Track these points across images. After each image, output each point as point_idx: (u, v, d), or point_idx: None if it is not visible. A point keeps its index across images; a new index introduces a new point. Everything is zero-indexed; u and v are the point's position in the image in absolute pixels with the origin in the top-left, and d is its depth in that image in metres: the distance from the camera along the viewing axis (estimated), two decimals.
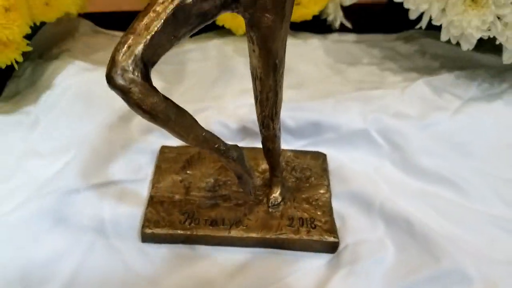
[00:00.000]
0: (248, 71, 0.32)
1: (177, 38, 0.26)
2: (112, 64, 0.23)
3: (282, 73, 0.31)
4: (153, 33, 0.24)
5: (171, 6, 0.25)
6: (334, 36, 0.59)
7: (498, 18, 0.46)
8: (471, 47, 0.49)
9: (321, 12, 0.57)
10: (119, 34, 0.58)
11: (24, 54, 0.46)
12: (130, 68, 0.23)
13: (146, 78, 0.24)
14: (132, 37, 0.24)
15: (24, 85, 0.50)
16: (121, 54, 0.24)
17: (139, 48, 0.24)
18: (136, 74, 0.23)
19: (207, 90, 0.50)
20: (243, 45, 0.30)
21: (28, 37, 0.45)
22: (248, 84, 0.33)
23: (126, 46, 0.24)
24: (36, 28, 0.51)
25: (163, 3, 0.25)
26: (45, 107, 0.45)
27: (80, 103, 0.45)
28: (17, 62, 0.46)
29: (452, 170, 0.43)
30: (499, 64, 0.52)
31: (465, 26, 0.47)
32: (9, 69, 0.46)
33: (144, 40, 0.24)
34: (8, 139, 0.43)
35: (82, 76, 0.48)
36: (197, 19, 0.26)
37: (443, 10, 0.48)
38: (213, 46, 0.56)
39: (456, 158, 0.44)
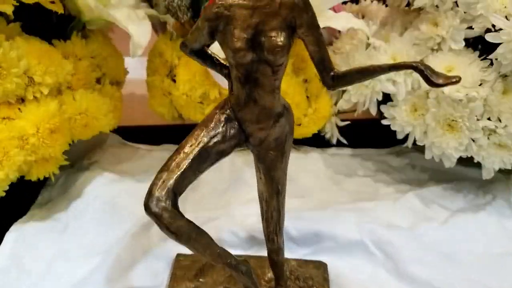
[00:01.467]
0: (255, 181, 0.38)
1: (200, 172, 0.33)
2: (149, 195, 0.30)
3: (284, 196, 0.37)
4: (182, 170, 0.31)
5: (197, 148, 0.32)
6: (332, 150, 0.66)
7: (473, 140, 0.53)
8: (453, 164, 0.55)
9: (320, 130, 0.64)
10: (143, 146, 0.66)
11: (60, 166, 0.53)
12: (163, 198, 0.29)
13: (175, 205, 0.30)
14: (166, 173, 0.31)
15: (57, 193, 0.56)
16: (157, 188, 0.30)
17: (171, 182, 0.30)
18: (168, 203, 0.29)
19: (219, 199, 0.56)
20: (252, 158, 0.37)
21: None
22: (255, 194, 0.39)
23: (161, 181, 0.30)
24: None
25: (191, 146, 0.32)
26: (75, 214, 0.51)
27: (106, 212, 0.51)
28: (53, 173, 0.53)
29: (441, 278, 0.47)
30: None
31: (444, 147, 0.54)
32: (44, 178, 0.53)
33: (175, 176, 0.30)
34: (41, 244, 0.48)
35: (109, 187, 0.54)
36: (216, 156, 0.33)
37: (425, 132, 0.56)
38: (226, 158, 0.63)
39: (445, 267, 0.48)
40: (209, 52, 0.36)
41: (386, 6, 0.71)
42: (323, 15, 0.52)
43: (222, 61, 0.36)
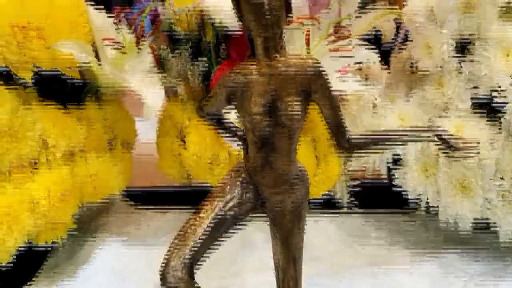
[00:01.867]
0: (267, 245, 0.37)
1: (216, 238, 0.32)
2: (165, 265, 0.29)
3: (301, 263, 0.36)
4: (198, 237, 0.30)
5: (213, 214, 0.31)
6: (343, 211, 0.65)
7: (487, 200, 0.52)
8: (468, 226, 0.54)
9: (330, 190, 0.64)
10: (150, 208, 0.65)
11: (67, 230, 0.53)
12: (179, 268, 0.29)
13: (191, 275, 0.29)
14: (181, 241, 0.30)
15: (64, 258, 0.55)
16: (173, 257, 0.29)
17: (187, 251, 0.29)
18: (184, 272, 0.29)
19: (230, 266, 0.54)
20: (262, 222, 0.36)
21: None
22: (268, 260, 0.37)
23: (177, 249, 0.29)
24: None
25: (206, 211, 0.32)
26: (82, 282, 0.50)
27: (114, 279, 0.50)
28: (61, 238, 0.52)
29: None
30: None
31: (458, 208, 0.53)
32: (51, 242, 0.52)
33: (191, 244, 0.30)
34: None
35: (117, 253, 0.53)
36: (232, 221, 0.33)
37: (437, 192, 0.55)
38: None
39: None
40: (224, 116, 0.36)
41: (388, 66, 0.73)
42: (330, 79, 0.53)
43: (237, 125, 0.36)
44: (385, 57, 0.71)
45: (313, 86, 0.31)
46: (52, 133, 0.49)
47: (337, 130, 0.32)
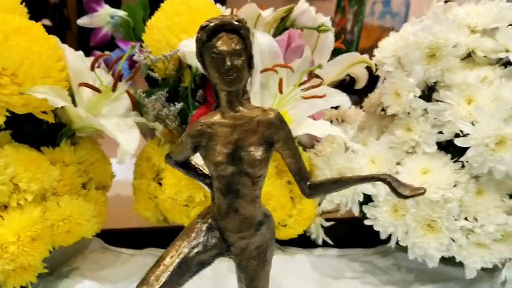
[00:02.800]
0: None
1: (180, 285, 0.32)
2: None
3: None
4: (161, 283, 0.31)
5: (177, 260, 0.32)
6: (318, 250, 0.66)
7: (453, 240, 0.54)
8: (436, 264, 0.55)
9: (305, 230, 0.65)
10: (125, 251, 0.65)
11: (38, 274, 0.52)
12: None
13: None
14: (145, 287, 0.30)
15: None
16: None
17: None
18: None
19: None
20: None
21: None
22: None
23: None
24: None
25: (171, 257, 0.32)
26: None
27: None
28: (31, 282, 0.51)
29: None
30: None
31: (426, 247, 0.54)
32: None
33: None
34: None
35: None
36: (197, 268, 0.33)
37: (406, 232, 0.57)
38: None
39: None
40: (193, 163, 0.37)
41: (364, 110, 0.76)
42: (303, 123, 0.55)
43: (205, 172, 0.37)
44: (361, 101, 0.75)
45: (275, 136, 0.32)
46: (24, 177, 0.49)
47: (300, 177, 0.34)
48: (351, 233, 0.68)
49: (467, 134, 0.53)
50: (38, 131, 0.54)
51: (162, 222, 0.62)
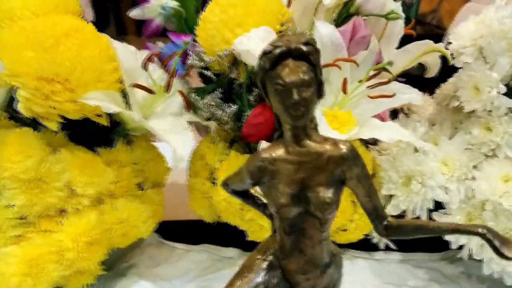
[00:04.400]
0: None
1: None
2: None
3: None
4: None
5: None
6: (380, 254, 0.62)
7: None
8: None
9: (367, 233, 0.61)
10: (181, 246, 0.64)
11: None
12: None
13: None
14: None
15: None
16: None
17: None
18: None
19: None
20: None
21: None
22: None
23: None
24: None
25: None
26: None
27: None
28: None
29: None
30: None
31: (505, 264, 0.49)
32: None
33: None
34: None
35: None
36: None
37: (482, 245, 0.51)
38: None
39: None
40: (252, 191, 0.34)
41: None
42: (368, 125, 0.50)
43: (265, 201, 0.34)
44: (429, 88, 0.68)
45: (347, 174, 0.28)
46: (80, 181, 0.48)
47: (375, 216, 0.30)
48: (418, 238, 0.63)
49: None
50: (93, 131, 0.54)
51: (217, 220, 0.61)
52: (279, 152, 0.28)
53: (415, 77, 0.63)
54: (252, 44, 0.48)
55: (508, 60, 0.50)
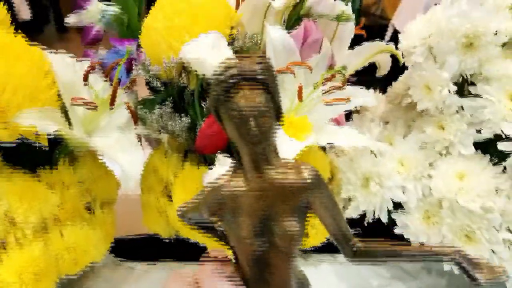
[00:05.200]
0: None
1: None
2: None
3: None
4: None
5: None
6: (343, 256, 0.62)
7: (494, 252, 0.49)
8: None
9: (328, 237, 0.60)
10: (138, 266, 0.61)
11: None
12: None
13: None
14: None
15: None
16: None
17: None
18: None
19: None
20: None
21: None
22: None
23: None
24: None
25: None
26: None
27: None
28: None
29: None
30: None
31: None
32: None
33: None
34: None
35: None
36: None
37: (441, 241, 0.52)
38: None
39: None
40: (211, 222, 0.32)
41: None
42: (325, 130, 0.49)
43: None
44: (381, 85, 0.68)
45: (311, 198, 0.26)
46: (20, 207, 0.44)
47: (342, 240, 0.29)
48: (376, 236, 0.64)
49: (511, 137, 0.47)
50: (32, 151, 0.49)
51: (174, 236, 0.58)
52: (238, 183, 0.26)
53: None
54: (202, 52, 0.45)
55: (457, 59, 0.51)
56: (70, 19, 0.54)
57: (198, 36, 0.47)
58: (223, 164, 0.48)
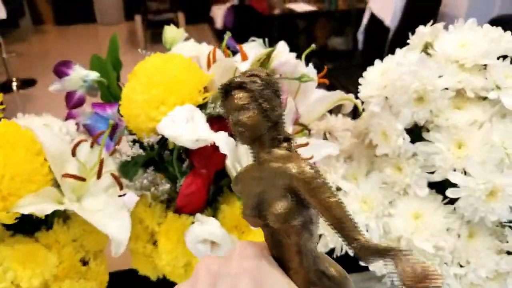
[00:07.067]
0: None
1: None
2: None
3: None
4: None
5: None
6: None
7: (447, 285, 0.56)
8: None
9: None
10: None
11: None
12: None
13: None
14: None
15: None
16: None
17: None
18: None
19: None
20: None
21: None
22: None
23: None
24: None
25: None
26: None
27: None
28: None
29: None
30: None
31: None
32: None
33: None
34: None
35: None
36: None
37: None
38: None
39: None
40: None
41: (353, 118, 0.75)
42: None
43: None
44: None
45: (296, 189, 0.28)
46: (25, 276, 0.49)
47: (343, 234, 0.27)
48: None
49: (457, 185, 0.53)
50: (31, 217, 0.54)
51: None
52: (247, 167, 0.31)
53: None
54: (177, 127, 0.50)
55: (410, 110, 0.56)
56: (54, 87, 0.58)
57: (174, 108, 0.52)
58: (203, 223, 0.53)
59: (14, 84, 3.13)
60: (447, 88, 0.55)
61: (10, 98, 3.23)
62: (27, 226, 0.53)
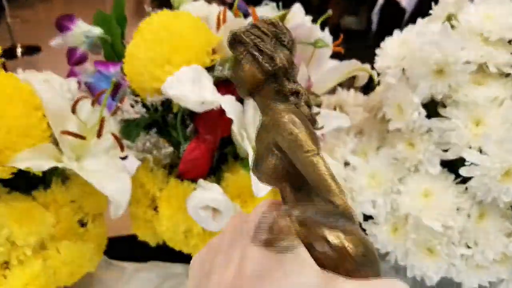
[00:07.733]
0: None
1: None
2: None
3: None
4: None
5: None
6: None
7: (452, 265, 0.54)
8: (434, 283, 0.56)
9: None
10: (130, 265, 0.66)
11: None
12: None
13: None
14: None
15: None
16: None
17: None
18: None
19: None
20: None
21: None
22: None
23: None
24: None
25: None
26: None
27: None
28: None
29: None
30: None
31: (424, 270, 0.55)
32: None
33: None
34: None
35: None
36: None
37: (406, 252, 0.57)
38: None
39: None
40: None
41: (364, 94, 0.72)
42: None
43: None
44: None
45: (277, 140, 0.27)
46: (20, 233, 0.48)
47: (321, 195, 0.25)
48: None
49: (471, 164, 0.51)
50: (28, 176, 0.52)
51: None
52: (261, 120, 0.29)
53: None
54: (183, 88, 0.47)
55: (428, 83, 0.53)
56: (55, 42, 0.56)
57: (180, 68, 0.49)
58: (206, 189, 0.52)
59: (19, 50, 3.08)
60: (468, 62, 0.52)
61: (15, 65, 3.20)
62: (24, 183, 0.52)
